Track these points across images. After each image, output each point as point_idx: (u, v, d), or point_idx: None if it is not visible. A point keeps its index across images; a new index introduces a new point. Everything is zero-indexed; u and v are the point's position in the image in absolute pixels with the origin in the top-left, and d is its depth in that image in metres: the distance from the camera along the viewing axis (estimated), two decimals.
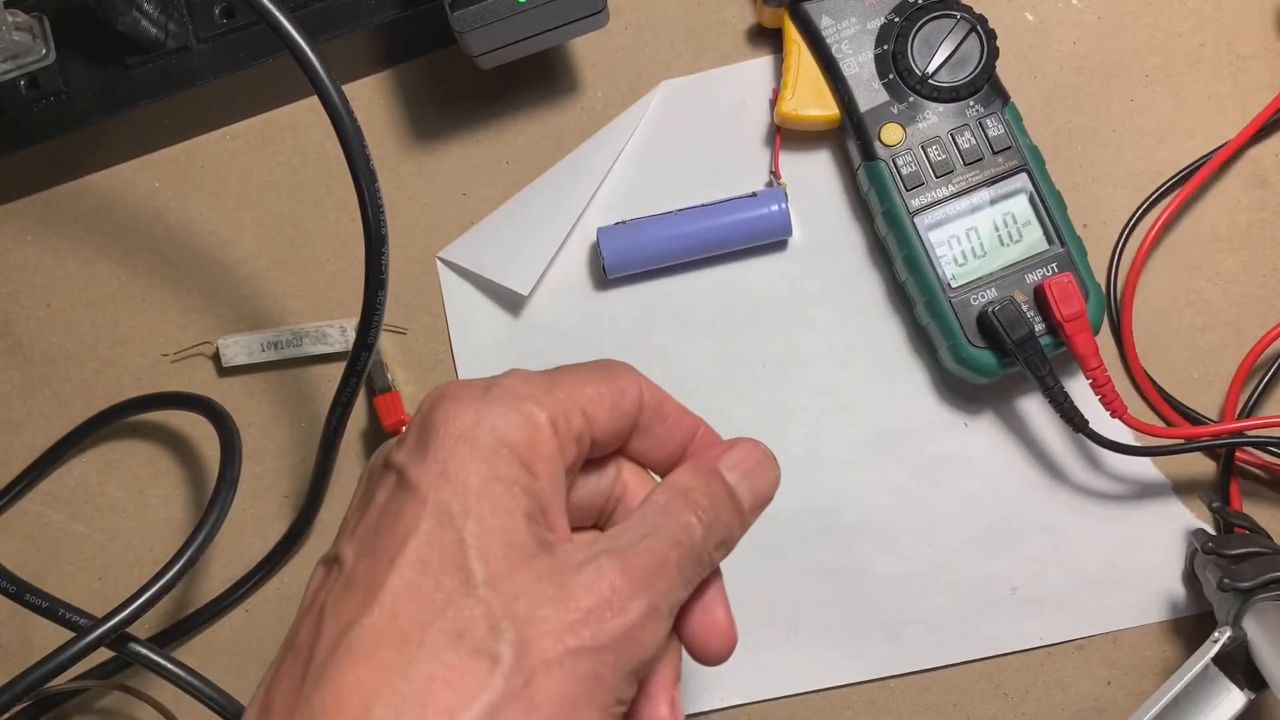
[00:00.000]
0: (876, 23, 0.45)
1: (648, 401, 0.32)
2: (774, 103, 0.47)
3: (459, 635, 0.25)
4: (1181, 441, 0.43)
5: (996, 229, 0.44)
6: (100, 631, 0.41)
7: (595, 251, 0.48)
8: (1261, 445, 0.43)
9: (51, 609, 0.42)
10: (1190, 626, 0.45)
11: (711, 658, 0.32)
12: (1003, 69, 0.45)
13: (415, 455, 0.28)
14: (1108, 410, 0.43)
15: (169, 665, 0.43)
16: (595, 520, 0.33)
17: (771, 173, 0.48)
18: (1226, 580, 0.40)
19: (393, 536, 0.27)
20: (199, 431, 0.50)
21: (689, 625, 0.32)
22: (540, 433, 0.29)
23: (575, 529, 0.32)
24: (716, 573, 0.32)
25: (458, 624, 0.26)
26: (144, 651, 0.42)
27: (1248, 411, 0.45)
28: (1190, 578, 0.45)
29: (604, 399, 0.31)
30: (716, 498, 0.31)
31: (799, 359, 0.47)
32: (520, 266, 0.48)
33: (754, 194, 0.47)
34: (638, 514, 0.30)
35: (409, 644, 0.25)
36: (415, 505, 0.27)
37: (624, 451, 0.33)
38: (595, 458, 0.32)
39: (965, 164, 0.44)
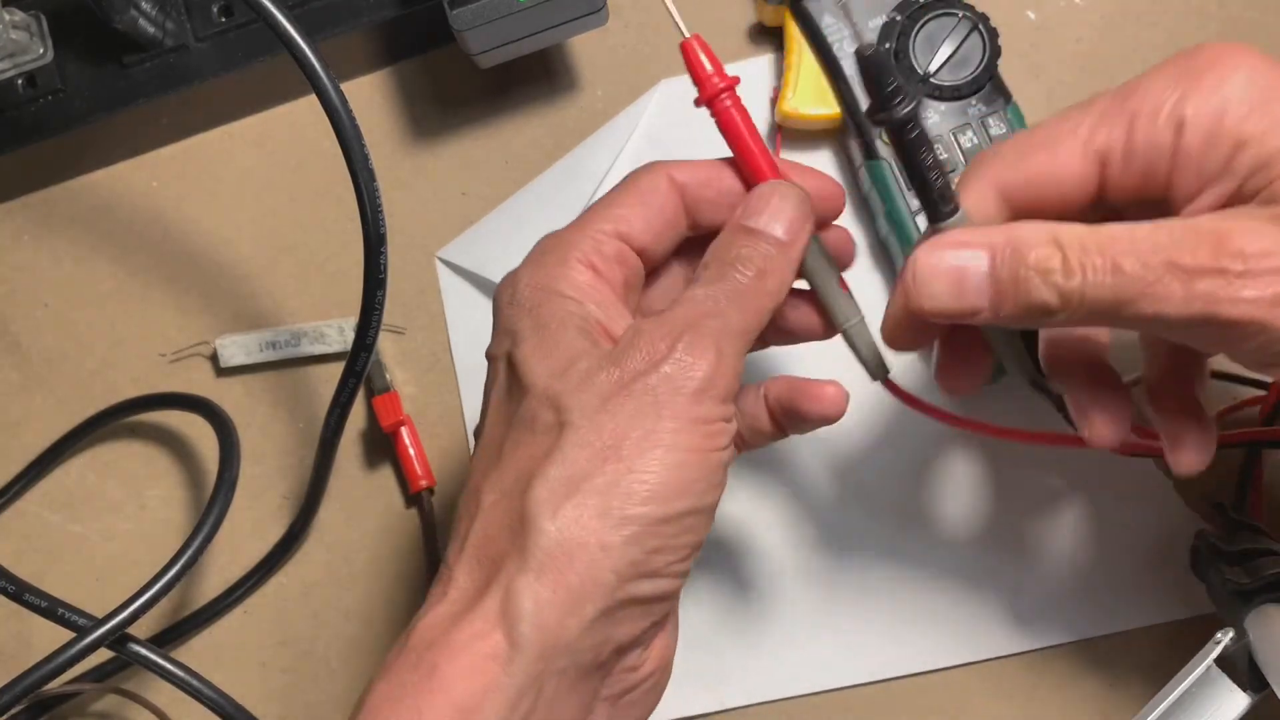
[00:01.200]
0: (878, 21, 0.45)
1: (685, 183, 0.35)
2: (775, 101, 0.47)
3: (531, 423, 0.31)
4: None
5: None
6: (101, 632, 0.40)
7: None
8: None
9: (51, 609, 0.42)
10: (1193, 628, 0.45)
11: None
12: (1005, 68, 0.44)
13: (492, 339, 0.35)
14: None
15: (169, 666, 0.42)
16: None
17: None
18: (1230, 581, 0.40)
19: (486, 396, 0.34)
20: (197, 432, 0.50)
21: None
22: (570, 269, 0.33)
23: None
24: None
25: (526, 417, 0.32)
26: (144, 652, 0.42)
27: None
28: (1193, 579, 0.44)
29: (633, 212, 0.34)
30: (738, 244, 0.33)
31: (798, 359, 0.47)
32: None
33: None
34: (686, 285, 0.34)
35: (499, 447, 0.32)
36: (492, 366, 0.34)
37: (705, 230, 0.36)
38: (669, 254, 0.36)
39: (968, 163, 0.44)
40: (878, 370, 0.37)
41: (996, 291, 0.31)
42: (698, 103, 0.35)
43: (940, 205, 0.32)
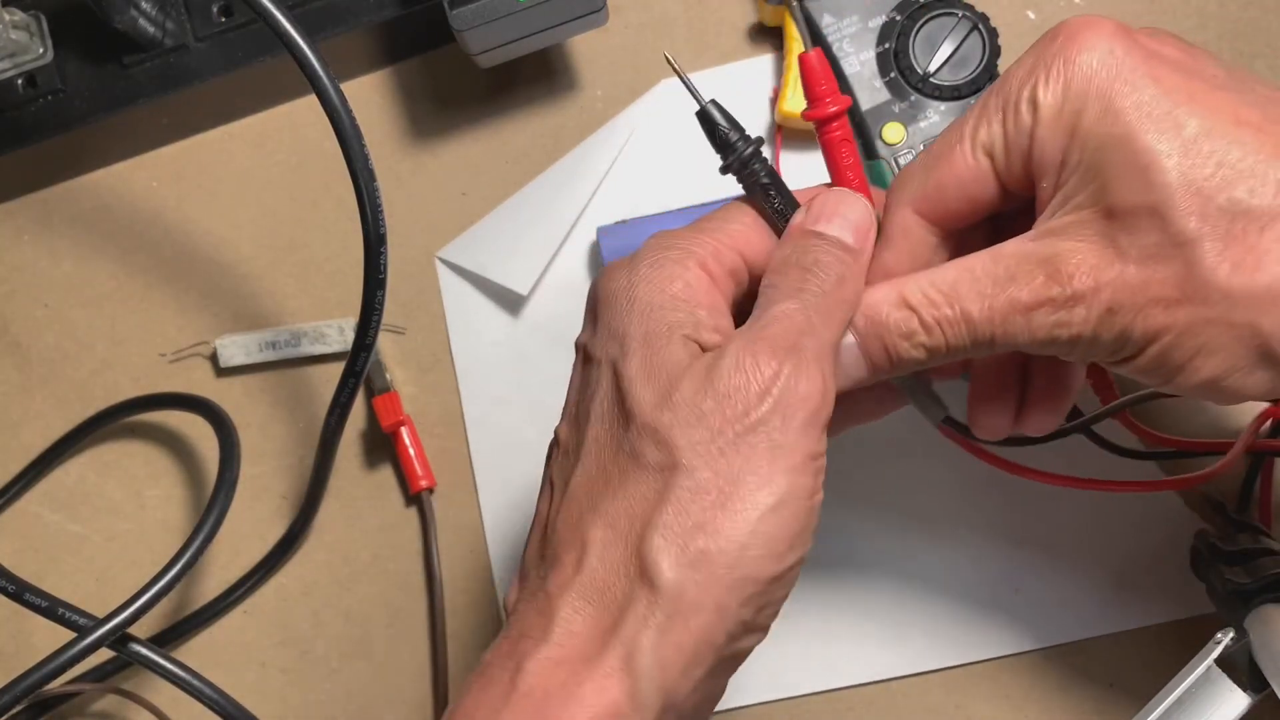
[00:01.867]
0: (878, 21, 0.45)
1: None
2: (775, 101, 0.47)
3: (638, 457, 0.30)
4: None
5: None
6: (102, 631, 0.40)
7: (595, 251, 0.48)
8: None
9: (51, 609, 0.41)
10: (1193, 628, 0.45)
11: None
12: (1004, 68, 0.44)
13: (589, 331, 0.33)
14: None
15: (170, 666, 0.42)
16: None
17: None
18: (1230, 581, 0.40)
19: (588, 402, 0.32)
20: (197, 432, 0.50)
21: None
22: (689, 271, 0.32)
23: None
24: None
25: (634, 449, 0.30)
26: (145, 652, 0.42)
27: None
28: (1193, 579, 0.44)
29: (753, 231, 0.33)
30: (813, 249, 0.32)
31: None
32: (520, 266, 0.48)
33: None
34: (759, 296, 0.32)
35: (606, 474, 0.30)
36: (594, 369, 0.32)
37: None
38: None
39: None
40: (936, 413, 0.36)
41: (871, 361, 0.32)
42: (806, 116, 0.35)
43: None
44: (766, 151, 0.48)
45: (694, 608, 0.28)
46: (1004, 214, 0.34)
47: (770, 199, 0.33)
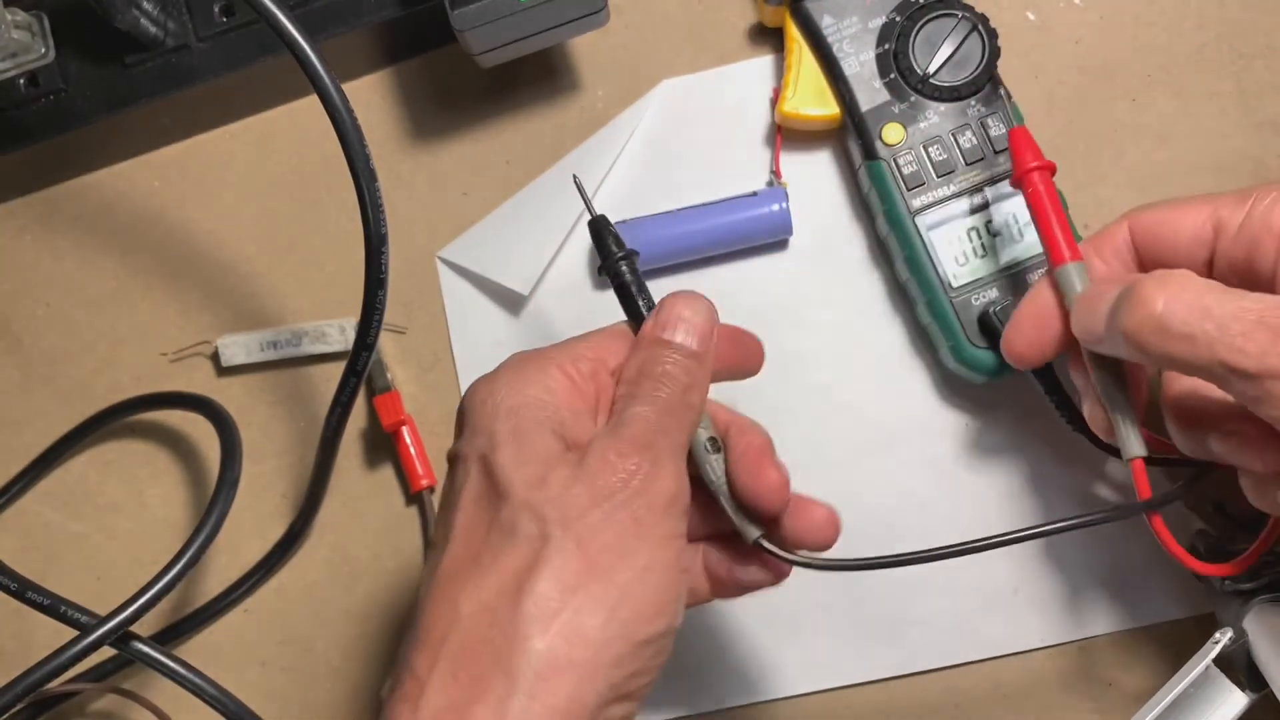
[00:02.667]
0: (878, 22, 0.45)
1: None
2: (775, 102, 0.47)
3: (511, 532, 0.31)
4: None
5: (997, 229, 0.44)
6: (104, 630, 0.40)
7: (595, 251, 0.48)
8: None
9: (53, 607, 0.42)
10: (1192, 628, 0.45)
11: (765, 508, 0.36)
12: (1004, 68, 0.44)
13: (459, 437, 0.35)
14: None
15: (173, 664, 0.42)
16: None
17: (772, 172, 0.48)
18: (1228, 581, 0.40)
19: (454, 495, 0.34)
20: (198, 431, 0.50)
21: (739, 482, 0.36)
22: (548, 375, 0.34)
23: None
24: (755, 433, 0.37)
25: (505, 525, 0.32)
26: (147, 650, 0.42)
27: None
28: (1192, 579, 0.44)
29: (613, 343, 0.36)
30: (661, 359, 0.35)
31: (800, 359, 0.47)
32: (520, 266, 0.48)
33: (754, 193, 0.47)
34: (616, 402, 0.35)
35: (475, 554, 0.32)
36: (463, 465, 0.34)
37: None
38: None
39: (966, 164, 0.44)
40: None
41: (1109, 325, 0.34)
42: (1013, 182, 0.40)
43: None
44: (766, 154, 0.48)
45: (563, 668, 0.29)
46: None
47: (633, 301, 0.37)
